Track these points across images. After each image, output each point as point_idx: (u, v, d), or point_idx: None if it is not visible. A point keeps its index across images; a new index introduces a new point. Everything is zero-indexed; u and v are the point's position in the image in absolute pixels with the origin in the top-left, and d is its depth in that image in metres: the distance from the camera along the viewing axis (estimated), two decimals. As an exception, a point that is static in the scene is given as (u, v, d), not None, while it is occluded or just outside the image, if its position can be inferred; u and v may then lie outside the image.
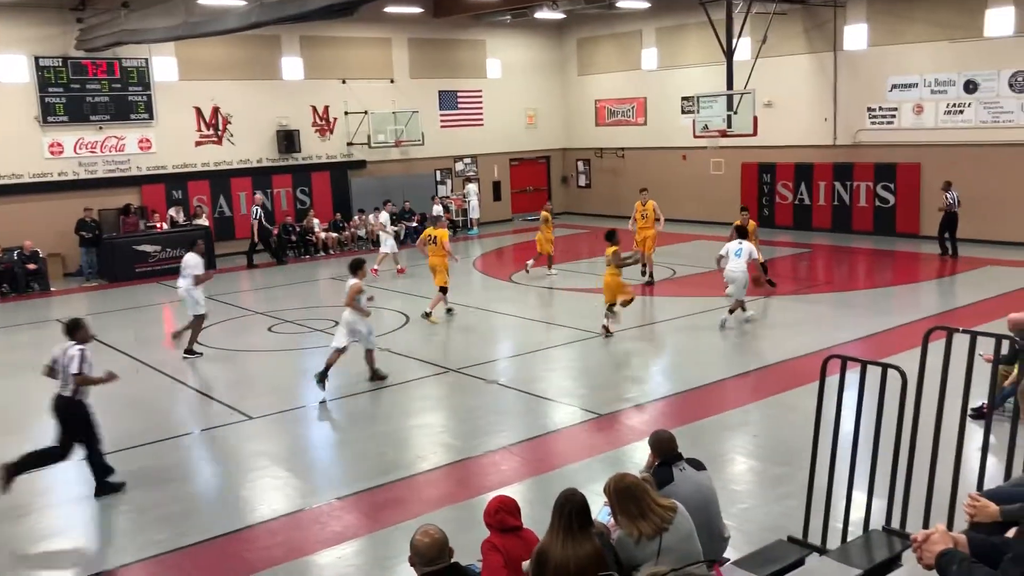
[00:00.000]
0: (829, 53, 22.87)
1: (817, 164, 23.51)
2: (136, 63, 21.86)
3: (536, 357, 12.83)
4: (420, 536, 4.19)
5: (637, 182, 26.28)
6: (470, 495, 7.96)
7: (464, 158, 28.15)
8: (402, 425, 10.25)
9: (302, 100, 24.58)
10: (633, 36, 27.44)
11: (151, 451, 9.56)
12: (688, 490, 5.18)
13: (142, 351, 13.91)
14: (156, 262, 20.92)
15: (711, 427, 9.62)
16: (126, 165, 22.13)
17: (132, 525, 7.75)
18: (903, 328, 13.10)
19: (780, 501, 7.51)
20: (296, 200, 24.65)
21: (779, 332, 13.89)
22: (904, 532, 5.46)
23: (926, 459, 5.36)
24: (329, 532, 7.45)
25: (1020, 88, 19.75)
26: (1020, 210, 19.86)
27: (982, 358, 6.26)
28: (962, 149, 20.64)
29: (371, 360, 11.70)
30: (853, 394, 5.71)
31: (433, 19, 25.70)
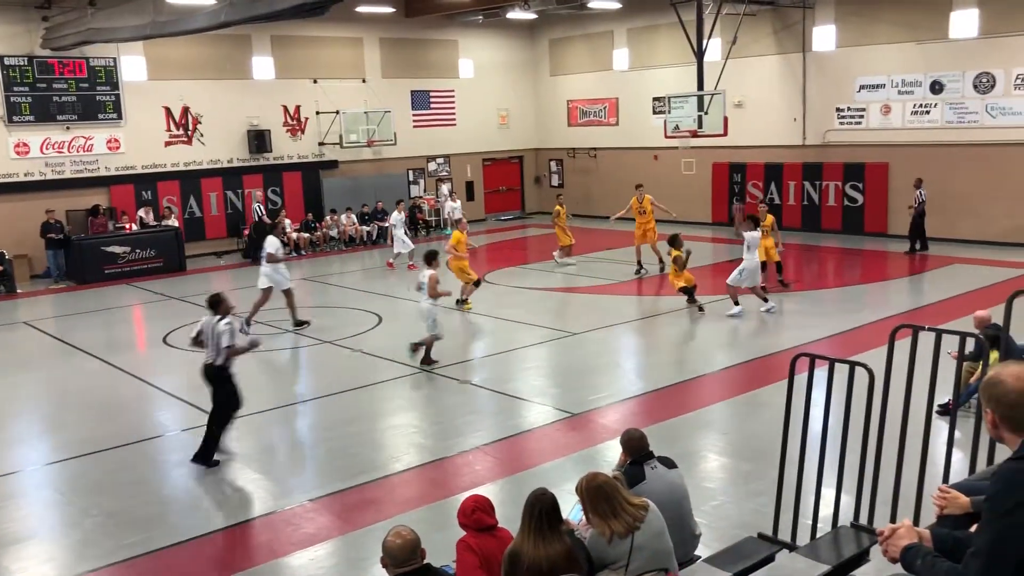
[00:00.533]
0: (798, 54, 23.11)
1: (787, 164, 23.74)
2: (104, 62, 21.62)
3: (509, 357, 12.85)
4: (392, 537, 4.19)
5: (610, 182, 26.46)
6: (444, 495, 7.96)
7: (437, 158, 28.11)
8: (375, 426, 10.22)
9: (273, 100, 24.43)
10: (605, 37, 27.54)
11: (121, 454, 9.46)
12: (660, 488, 5.22)
13: (112, 353, 13.75)
14: (125, 263, 20.71)
15: (683, 425, 9.69)
16: (94, 165, 21.88)
17: (101, 529, 7.67)
18: (871, 326, 13.26)
19: (751, 498, 7.58)
20: (268, 200, 24.48)
21: (749, 330, 14.01)
22: (872, 528, 5.53)
23: (893, 455, 5.43)
24: (302, 534, 7.42)
25: (984, 89, 20.06)
26: (985, 209, 20.17)
27: (948, 355, 6.37)
28: (929, 149, 20.93)
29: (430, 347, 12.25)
30: (822, 392, 5.78)
31: (405, 19, 25.65)
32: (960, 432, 6.31)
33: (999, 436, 2.97)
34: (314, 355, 13.42)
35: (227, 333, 8.81)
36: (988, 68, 19.91)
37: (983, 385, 2.98)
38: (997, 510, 2.78)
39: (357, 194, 25.09)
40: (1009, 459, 2.90)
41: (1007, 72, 19.65)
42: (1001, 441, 3.00)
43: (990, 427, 2.98)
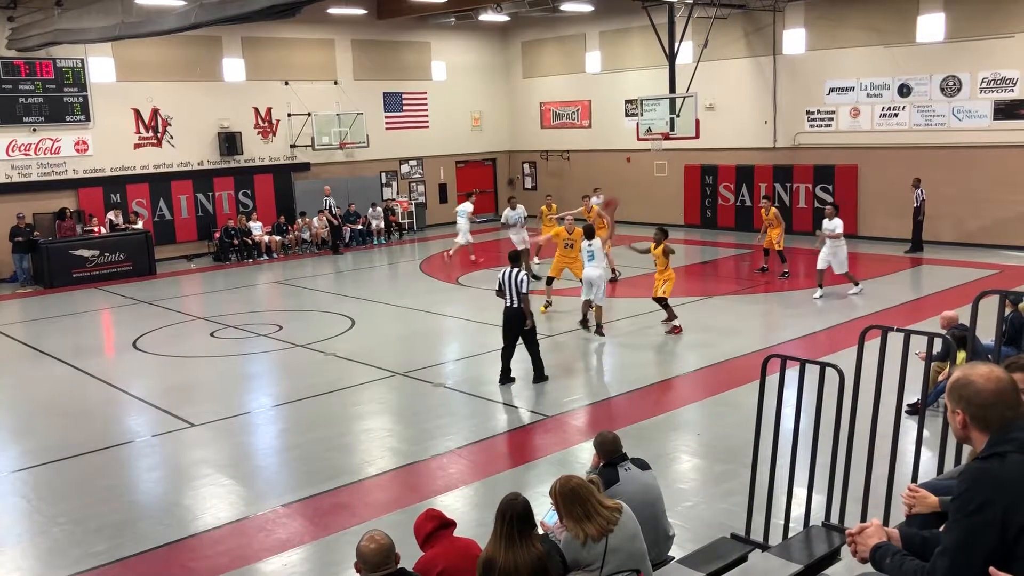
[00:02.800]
0: (769, 57, 23.30)
1: (758, 166, 23.92)
2: (71, 63, 21.35)
3: (483, 359, 12.83)
4: (366, 542, 4.17)
5: (583, 184, 26.49)
6: (418, 499, 7.93)
7: (410, 160, 28.04)
8: (348, 430, 10.17)
9: (244, 102, 24.25)
10: (577, 39, 27.62)
11: (89, 460, 9.34)
12: (633, 490, 5.24)
13: (81, 358, 13.58)
14: (94, 267, 20.46)
15: (656, 427, 9.72)
16: (62, 168, 21.60)
17: (69, 537, 7.56)
18: (841, 327, 13.39)
19: (724, 498, 7.62)
20: (238, 203, 24.30)
21: (721, 332, 14.09)
22: (843, 527, 5.58)
23: (863, 455, 5.49)
24: (274, 539, 7.36)
25: (950, 92, 20.35)
26: (952, 211, 20.45)
27: (917, 356, 6.44)
28: (897, 151, 21.19)
29: (599, 315, 13.57)
30: (793, 392, 5.83)
31: (377, 21, 25.57)
32: (928, 431, 6.38)
33: (966, 436, 2.99)
34: (286, 359, 13.33)
35: (525, 282, 10.93)
36: (954, 71, 20.19)
37: (950, 386, 2.99)
38: (964, 509, 2.81)
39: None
40: (975, 458, 2.93)
41: (973, 75, 19.94)
42: (967, 442, 3.03)
43: (958, 428, 2.99)
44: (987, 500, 2.76)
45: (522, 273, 10.99)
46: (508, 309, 11.04)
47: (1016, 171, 19.52)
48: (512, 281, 10.92)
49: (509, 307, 11.01)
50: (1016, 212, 19.65)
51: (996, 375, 2.90)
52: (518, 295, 10.89)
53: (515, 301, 10.94)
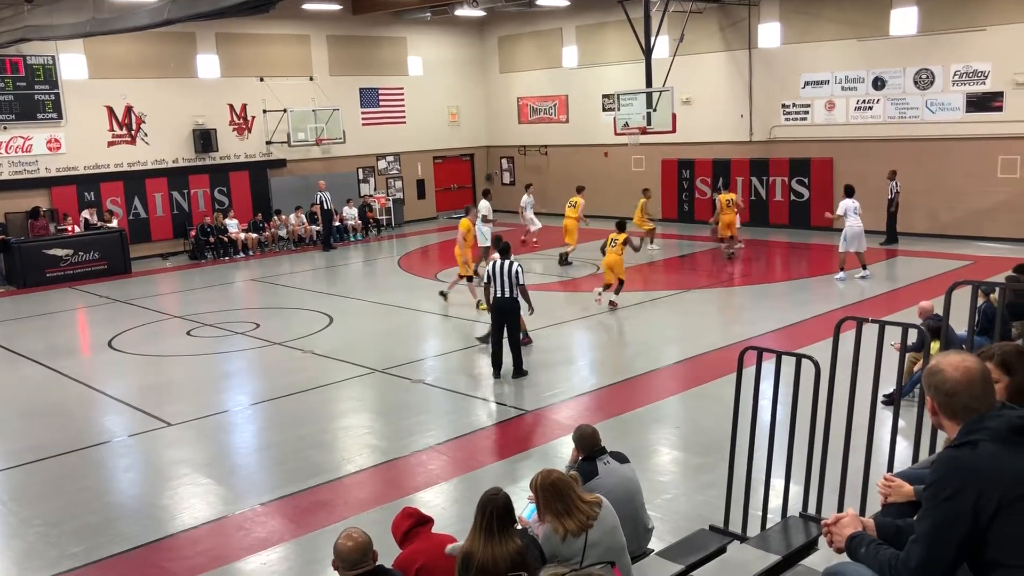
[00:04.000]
0: (744, 51, 23.40)
1: (734, 160, 24.04)
2: (42, 60, 21.08)
3: (462, 355, 12.83)
4: (343, 540, 4.15)
5: (561, 179, 26.57)
6: (398, 496, 7.91)
7: (387, 156, 27.94)
8: (327, 427, 10.13)
9: (219, 98, 24.05)
10: (553, 34, 27.61)
11: (66, 462, 9.25)
12: (612, 483, 5.25)
13: (56, 359, 13.43)
14: (69, 266, 20.24)
15: (635, 420, 9.76)
16: (34, 166, 21.34)
17: (43, 539, 7.48)
18: (817, 319, 13.49)
19: (702, 490, 7.66)
20: (214, 200, 24.12)
21: (699, 324, 14.16)
22: (820, 517, 5.62)
23: (840, 445, 5.53)
24: (253, 538, 7.32)
25: (924, 85, 20.52)
26: (926, 203, 20.63)
27: (892, 347, 6.49)
28: (872, 144, 21.36)
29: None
30: (770, 384, 5.86)
31: (352, 16, 25.43)
32: (904, 421, 6.46)
33: (939, 423, 3.04)
34: (264, 357, 13.26)
35: (520, 273, 11.07)
36: (927, 64, 20.37)
37: (924, 373, 3.04)
38: (936, 497, 2.84)
39: (306, 193, 24.80)
40: (947, 447, 2.96)
41: (945, 68, 20.12)
42: (941, 428, 3.07)
43: (931, 414, 3.05)
44: (959, 488, 2.78)
45: (516, 264, 11.11)
46: (499, 299, 11.09)
47: (988, 163, 19.73)
48: (506, 272, 11.01)
49: (500, 298, 11.07)
50: (989, 203, 19.86)
51: (966, 364, 2.93)
52: (513, 286, 10.99)
53: (507, 292, 11.01)
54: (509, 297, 11.08)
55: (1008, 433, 2.81)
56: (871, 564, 3.08)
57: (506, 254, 11.27)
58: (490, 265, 11.26)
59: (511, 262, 11.13)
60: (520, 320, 11.73)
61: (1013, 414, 2.89)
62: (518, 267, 11.11)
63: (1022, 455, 2.79)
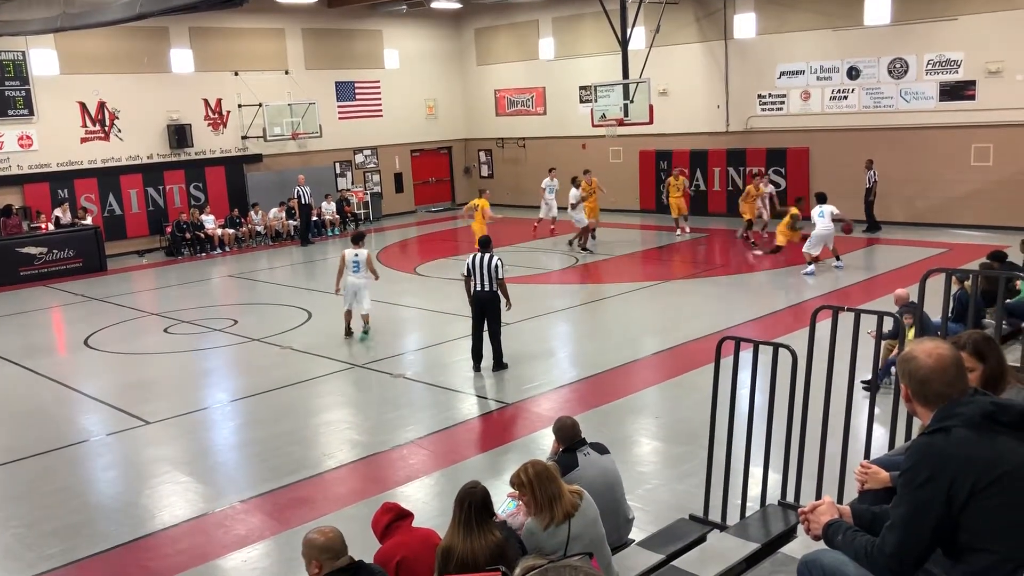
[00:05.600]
0: (720, 42, 23.47)
1: (711, 150, 24.12)
2: (12, 56, 20.81)
3: (442, 349, 12.81)
4: (317, 535, 4.14)
5: (539, 171, 26.49)
6: (379, 490, 7.91)
7: (364, 150, 27.83)
8: (307, 423, 10.09)
9: (193, 93, 23.83)
10: (530, 26, 27.57)
11: (43, 462, 9.17)
12: (593, 474, 5.27)
13: (31, 358, 13.30)
14: (43, 264, 20.03)
15: (615, 411, 9.79)
16: (5, 164, 21.08)
17: (19, 541, 7.42)
18: (794, 308, 13.59)
19: (682, 480, 7.71)
20: (190, 196, 23.93)
21: (677, 315, 14.22)
22: (798, 505, 5.67)
23: (817, 433, 5.57)
24: (233, 536, 7.29)
25: (898, 74, 20.67)
26: (901, 191, 20.81)
27: (868, 335, 6.55)
28: (847, 133, 21.50)
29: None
30: (748, 373, 5.89)
31: (328, 9, 25.27)
32: (880, 408, 6.51)
33: (913, 410, 3.08)
34: (242, 353, 13.19)
35: (500, 267, 11.07)
36: (901, 54, 20.52)
37: (898, 360, 3.08)
38: (911, 483, 2.87)
39: (283, 188, 24.66)
40: (921, 434, 3.00)
41: (919, 57, 20.27)
42: (915, 414, 3.11)
43: (905, 401, 3.08)
44: (933, 474, 2.82)
45: (496, 258, 11.12)
46: (479, 293, 11.11)
47: (962, 151, 19.92)
48: (486, 266, 11.03)
49: (480, 291, 11.09)
50: (963, 191, 20.06)
51: (939, 352, 2.96)
52: (491, 280, 11.01)
53: (486, 285, 11.03)
54: (489, 290, 11.08)
55: (981, 419, 2.84)
56: (847, 551, 3.11)
57: (486, 248, 11.29)
58: (470, 258, 11.25)
59: (491, 256, 11.14)
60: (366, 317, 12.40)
61: (985, 400, 2.92)
62: (498, 261, 11.12)
63: (995, 441, 2.82)
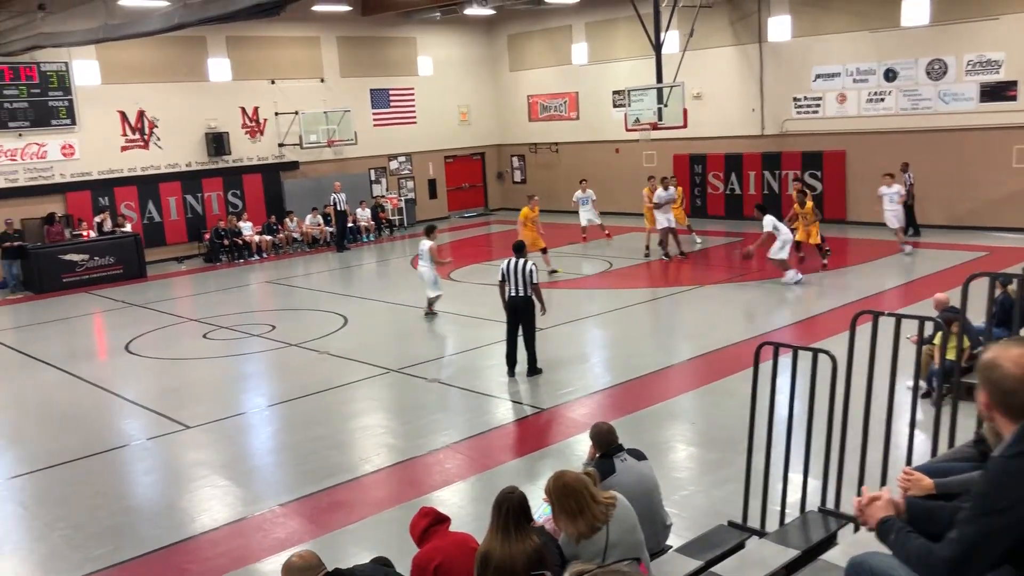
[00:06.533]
0: (754, 45, 23.31)
1: (746, 154, 23.95)
2: (56, 67, 21.23)
3: (477, 354, 12.84)
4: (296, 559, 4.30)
5: (572, 176, 26.48)
6: (415, 495, 7.94)
7: (398, 156, 28.00)
8: (343, 428, 10.17)
9: (230, 101, 24.15)
10: (563, 31, 27.59)
11: (86, 465, 9.32)
12: (630, 480, 5.25)
13: (73, 364, 13.54)
14: (84, 271, 20.39)
15: (651, 416, 9.75)
16: (49, 172, 21.50)
17: (66, 542, 7.56)
18: (833, 312, 13.43)
19: (720, 486, 7.65)
20: (228, 203, 24.23)
21: (714, 320, 14.13)
22: (839, 512, 5.62)
23: (858, 439, 5.51)
24: (272, 539, 7.36)
25: (936, 76, 20.39)
26: (939, 194, 20.51)
27: (908, 340, 6.47)
28: (884, 136, 21.24)
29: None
30: (786, 379, 5.85)
31: (362, 17, 25.48)
32: (922, 414, 6.43)
33: (990, 417, 2.88)
34: (280, 358, 13.32)
35: (535, 272, 11.14)
36: (940, 55, 20.24)
37: (981, 367, 2.85)
38: (987, 507, 2.72)
39: (319, 195, 24.90)
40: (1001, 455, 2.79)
41: (958, 58, 19.98)
42: (990, 422, 2.94)
43: (982, 408, 2.88)
44: (1014, 501, 2.67)
45: (530, 263, 11.17)
46: (513, 298, 11.15)
47: (1003, 153, 19.59)
48: (520, 271, 11.06)
49: (515, 296, 11.13)
50: (1004, 193, 19.72)
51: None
52: (527, 285, 11.04)
53: (520, 290, 11.07)
54: (523, 296, 11.10)
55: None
56: (899, 551, 3.02)
57: (520, 253, 11.33)
58: (504, 264, 11.29)
59: (525, 261, 11.17)
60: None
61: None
62: (532, 266, 11.14)
63: None
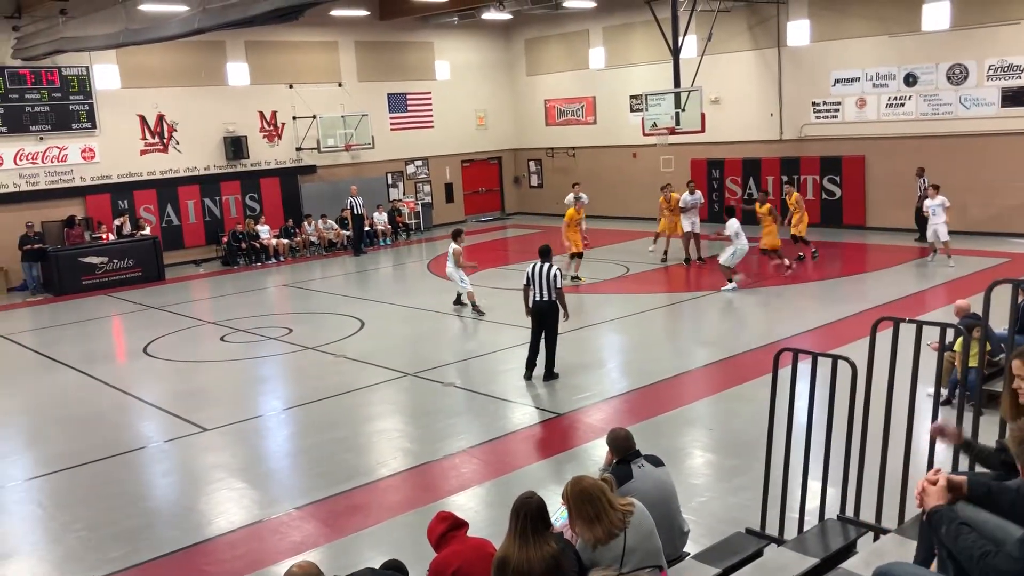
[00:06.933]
0: (773, 49, 23.22)
1: (764, 159, 23.85)
2: (76, 71, 21.42)
3: (493, 358, 12.83)
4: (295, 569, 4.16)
5: (589, 181, 26.47)
6: (431, 499, 7.93)
7: (415, 160, 28.06)
8: (360, 431, 10.18)
9: (249, 106, 24.29)
10: (580, 35, 27.58)
11: (103, 467, 9.37)
12: (648, 487, 5.22)
13: (92, 365, 13.63)
14: (104, 274, 20.54)
15: (668, 422, 9.71)
16: (69, 176, 21.68)
17: (83, 544, 7.59)
18: (853, 318, 13.34)
19: (737, 493, 7.60)
20: (245, 207, 24.35)
21: (732, 326, 14.06)
22: (859, 520, 5.56)
23: (878, 447, 5.46)
24: (288, 542, 7.37)
25: (957, 81, 20.24)
26: (961, 199, 20.28)
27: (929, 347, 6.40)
28: (904, 141, 21.10)
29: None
30: (805, 385, 5.81)
31: (379, 22, 25.58)
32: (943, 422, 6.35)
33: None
34: (297, 361, 13.35)
35: (559, 277, 11.18)
36: (961, 60, 20.08)
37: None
38: None
39: (336, 198, 24.98)
40: None
41: (979, 63, 19.82)
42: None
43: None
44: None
45: (554, 268, 11.21)
46: (538, 303, 11.21)
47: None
48: (544, 275, 11.10)
49: (540, 300, 11.18)
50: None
51: None
52: (551, 289, 11.07)
53: (545, 295, 11.11)
54: (548, 300, 11.16)
55: None
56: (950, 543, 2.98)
57: (546, 257, 11.41)
58: (529, 268, 11.35)
59: (549, 265, 11.22)
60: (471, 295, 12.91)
61: None
62: (556, 271, 11.20)
63: None
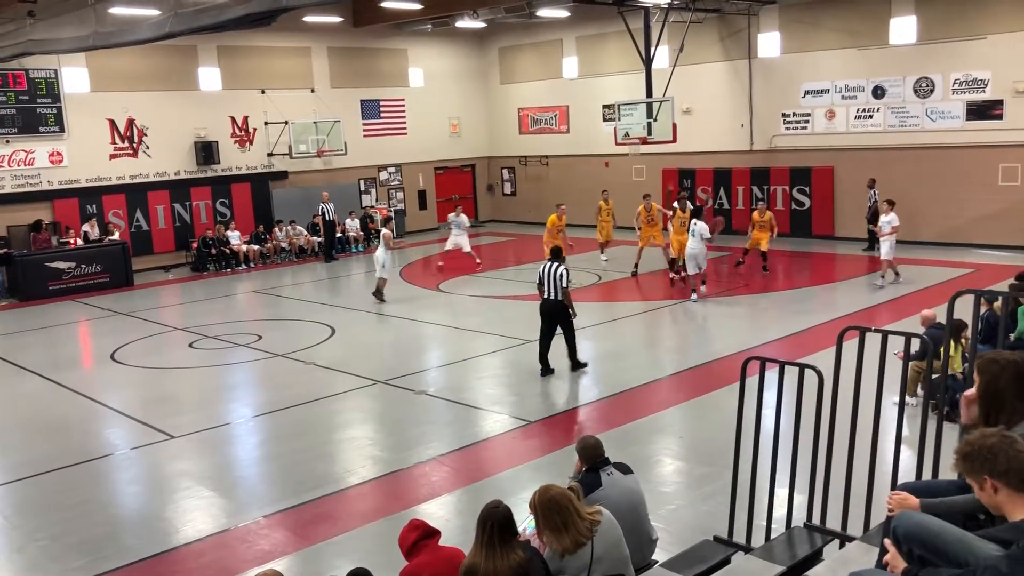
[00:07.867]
0: (744, 60, 23.45)
1: (735, 169, 24.06)
2: (45, 74, 21.16)
3: (465, 366, 12.82)
4: None
5: (561, 190, 26.56)
6: (401, 507, 7.90)
7: (388, 167, 27.99)
8: (329, 439, 10.12)
9: (220, 111, 24.12)
10: (554, 45, 27.69)
11: (67, 475, 9.24)
12: (616, 494, 5.23)
13: (58, 372, 13.44)
14: (71, 279, 20.27)
15: (638, 430, 9.74)
16: (36, 180, 21.39)
17: (45, 553, 7.48)
18: (820, 328, 13.47)
19: (706, 500, 7.64)
20: (216, 212, 24.16)
21: (701, 334, 14.15)
22: (825, 528, 5.62)
23: (844, 455, 5.52)
24: (256, 551, 7.30)
25: (924, 94, 20.55)
26: (927, 211, 20.63)
27: (895, 356, 6.49)
28: (872, 152, 21.38)
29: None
30: (773, 394, 5.86)
31: (353, 28, 25.51)
32: (908, 430, 6.44)
33: (991, 493, 3.03)
34: (266, 369, 13.26)
35: (565, 276, 11.40)
36: (927, 73, 20.40)
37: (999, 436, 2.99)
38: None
39: (308, 205, 24.85)
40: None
41: (945, 77, 20.15)
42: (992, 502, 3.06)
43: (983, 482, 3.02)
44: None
45: (562, 267, 11.52)
46: (547, 302, 11.58)
47: (989, 171, 19.75)
48: (552, 275, 11.43)
49: (548, 300, 11.55)
50: (989, 211, 19.87)
51: None
52: (557, 288, 11.38)
53: (552, 294, 11.45)
54: (555, 299, 11.50)
55: None
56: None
57: (556, 257, 11.75)
58: (541, 268, 11.75)
59: (557, 265, 11.56)
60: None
61: None
62: (563, 270, 11.53)
63: None
